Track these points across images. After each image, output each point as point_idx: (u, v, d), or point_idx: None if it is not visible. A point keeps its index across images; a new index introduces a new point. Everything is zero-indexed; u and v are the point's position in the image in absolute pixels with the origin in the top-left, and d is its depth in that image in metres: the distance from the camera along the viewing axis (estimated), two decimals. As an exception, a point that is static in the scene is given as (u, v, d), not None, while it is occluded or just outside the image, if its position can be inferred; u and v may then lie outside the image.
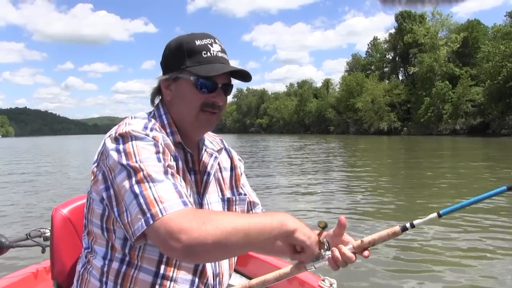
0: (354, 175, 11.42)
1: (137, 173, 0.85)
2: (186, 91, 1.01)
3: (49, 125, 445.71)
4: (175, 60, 1.01)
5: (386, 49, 70.72)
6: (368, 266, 3.80)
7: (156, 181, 0.85)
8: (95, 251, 0.99)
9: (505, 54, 40.04)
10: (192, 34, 1.04)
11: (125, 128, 0.94)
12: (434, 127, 49.24)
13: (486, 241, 4.46)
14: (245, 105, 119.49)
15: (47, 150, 35.69)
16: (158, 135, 0.94)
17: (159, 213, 0.80)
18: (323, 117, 74.21)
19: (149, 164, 0.87)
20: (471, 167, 12.36)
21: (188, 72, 1.00)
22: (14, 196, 8.67)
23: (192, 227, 0.78)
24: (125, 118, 1.03)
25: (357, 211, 6.32)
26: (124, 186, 0.86)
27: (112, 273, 0.96)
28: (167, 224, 0.79)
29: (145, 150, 0.89)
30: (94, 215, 0.99)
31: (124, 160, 0.88)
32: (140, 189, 0.84)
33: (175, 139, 1.01)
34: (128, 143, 0.90)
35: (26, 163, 18.71)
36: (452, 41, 52.00)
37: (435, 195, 7.48)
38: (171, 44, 1.04)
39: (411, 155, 18.61)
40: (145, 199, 0.83)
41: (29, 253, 3.74)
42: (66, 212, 1.24)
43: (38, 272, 1.62)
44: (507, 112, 39.72)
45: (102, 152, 0.95)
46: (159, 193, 0.83)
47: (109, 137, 0.94)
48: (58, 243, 1.21)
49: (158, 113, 1.05)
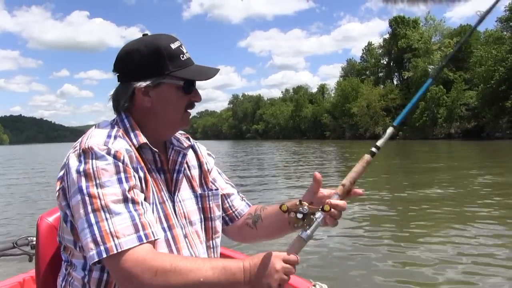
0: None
1: (94, 201, 0.84)
2: (171, 96, 1.00)
3: (45, 132, 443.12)
4: (155, 65, 0.98)
5: (381, 54, 71.25)
6: (359, 270, 3.78)
7: (113, 213, 0.83)
8: (74, 264, 0.98)
9: (497, 58, 40.51)
10: (159, 36, 1.01)
11: (88, 142, 0.92)
12: (429, 131, 49.52)
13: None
14: (241, 111, 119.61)
15: (40, 157, 35.43)
16: (120, 149, 0.92)
17: (114, 249, 0.81)
18: (319, 122, 74.37)
19: (107, 192, 0.85)
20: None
21: (173, 77, 0.99)
22: (1, 205, 8.55)
23: (144, 277, 0.81)
24: (91, 127, 1.01)
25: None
26: (79, 211, 0.85)
27: (93, 282, 0.94)
28: (120, 264, 0.81)
29: (105, 172, 0.87)
30: (64, 231, 0.98)
31: (83, 183, 0.86)
32: (96, 219, 0.83)
33: (139, 141, 0.99)
34: (88, 162, 0.88)
35: (16, 170, 18.54)
36: (445, 46, 52.54)
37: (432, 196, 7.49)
38: (139, 48, 0.99)
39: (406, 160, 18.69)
40: (100, 230, 0.82)
41: (16, 262, 3.69)
42: (52, 220, 1.22)
43: (25, 282, 1.58)
44: (500, 116, 40.07)
45: (64, 167, 0.94)
46: (115, 227, 0.82)
47: (74, 152, 0.92)
48: (44, 253, 1.18)
49: (120, 117, 1.03)
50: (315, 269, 3.86)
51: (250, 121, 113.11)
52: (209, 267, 0.85)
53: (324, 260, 4.14)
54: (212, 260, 0.93)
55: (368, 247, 4.55)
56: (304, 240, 0.93)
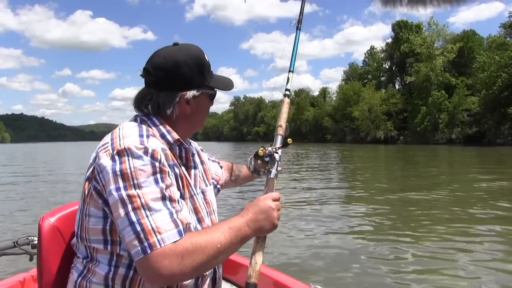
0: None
1: (134, 200, 0.86)
2: (204, 104, 1.13)
3: (46, 131, 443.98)
4: (199, 76, 1.07)
5: (383, 58, 71.34)
6: (358, 272, 3.78)
7: (153, 210, 0.86)
8: (97, 260, 0.99)
9: (500, 64, 40.51)
10: (198, 49, 1.10)
11: (121, 142, 0.93)
12: (431, 136, 49.49)
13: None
14: (242, 113, 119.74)
15: (42, 156, 35.50)
16: (157, 148, 0.94)
17: (157, 244, 0.84)
18: (320, 125, 74.41)
19: (146, 191, 0.88)
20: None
21: (209, 87, 1.10)
22: (1, 203, 8.56)
23: (172, 267, 0.85)
24: (117, 128, 1.02)
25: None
26: (118, 210, 0.87)
27: (119, 278, 0.96)
28: (156, 259, 0.84)
29: (143, 172, 0.89)
30: (91, 233, 0.98)
31: (121, 183, 0.88)
32: (137, 217, 0.85)
33: (173, 137, 1.05)
34: (125, 163, 0.90)
35: (17, 169, 18.58)
36: (448, 51, 52.60)
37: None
38: (187, 60, 1.05)
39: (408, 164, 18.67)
40: (143, 227, 0.85)
41: (17, 261, 3.69)
42: (54, 221, 1.22)
43: (26, 281, 1.58)
44: (502, 122, 40.04)
45: (95, 168, 0.95)
46: (157, 223, 0.86)
47: (105, 152, 0.93)
48: (46, 253, 1.18)
49: (149, 118, 1.06)
50: (314, 272, 3.86)
51: (251, 123, 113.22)
52: (219, 233, 0.92)
53: (322, 263, 4.14)
54: (218, 225, 0.97)
55: (367, 250, 4.54)
56: (274, 178, 1.13)
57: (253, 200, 1.04)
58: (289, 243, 4.84)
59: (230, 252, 0.96)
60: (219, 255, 0.91)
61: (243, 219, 0.97)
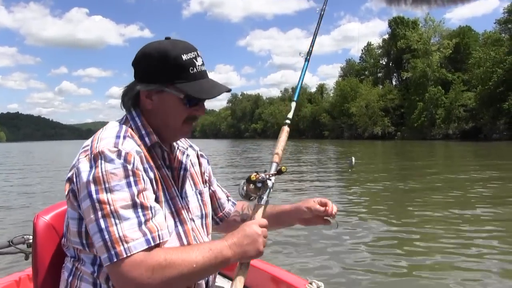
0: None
1: (104, 207, 0.86)
2: (171, 106, 1.02)
3: (42, 130, 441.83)
4: (160, 72, 0.99)
5: (380, 55, 71.32)
6: (355, 268, 3.79)
7: (122, 218, 0.86)
8: (82, 259, 1.00)
9: (496, 60, 40.66)
10: (175, 44, 1.01)
11: (97, 145, 0.93)
12: (427, 132, 49.64)
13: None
14: (239, 110, 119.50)
15: (38, 155, 35.31)
16: (131, 150, 0.93)
17: (123, 253, 0.84)
18: (318, 122, 74.40)
19: (117, 197, 0.87)
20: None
21: (176, 88, 0.99)
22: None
23: (142, 279, 0.84)
24: (103, 127, 1.03)
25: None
26: (90, 215, 0.87)
27: (102, 277, 0.97)
28: (120, 269, 0.84)
29: (114, 176, 0.88)
30: (72, 234, 0.99)
31: (93, 187, 0.88)
32: (105, 224, 0.85)
33: (152, 139, 1.02)
34: (98, 167, 0.89)
35: (13, 168, 18.48)
36: (444, 47, 52.67)
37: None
38: (151, 52, 1.00)
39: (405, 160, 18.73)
40: (110, 235, 0.85)
41: (12, 260, 3.68)
42: (49, 219, 1.21)
43: (21, 280, 1.57)
44: (497, 117, 40.21)
45: (73, 169, 0.95)
46: (124, 231, 0.85)
47: (85, 156, 0.93)
48: (41, 251, 1.18)
49: (131, 115, 1.05)
50: (311, 267, 3.88)
51: (248, 120, 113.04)
52: (198, 252, 0.90)
53: (320, 258, 4.15)
54: (199, 245, 0.97)
55: (364, 245, 4.56)
56: (264, 205, 1.08)
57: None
58: (285, 239, 4.85)
59: (207, 273, 0.94)
60: (193, 274, 0.90)
61: (226, 243, 0.95)
